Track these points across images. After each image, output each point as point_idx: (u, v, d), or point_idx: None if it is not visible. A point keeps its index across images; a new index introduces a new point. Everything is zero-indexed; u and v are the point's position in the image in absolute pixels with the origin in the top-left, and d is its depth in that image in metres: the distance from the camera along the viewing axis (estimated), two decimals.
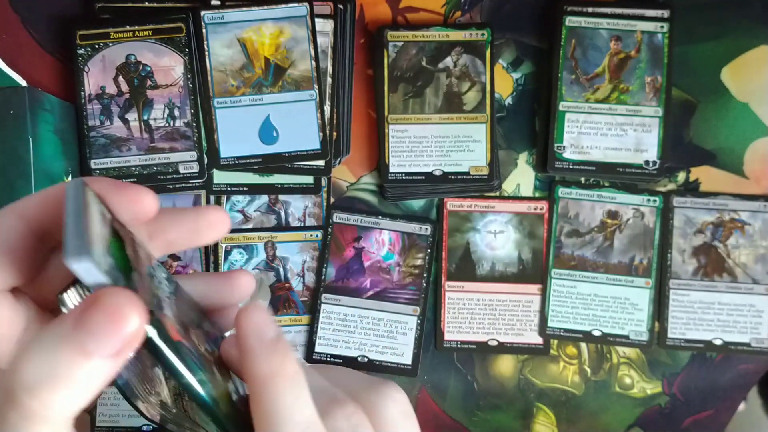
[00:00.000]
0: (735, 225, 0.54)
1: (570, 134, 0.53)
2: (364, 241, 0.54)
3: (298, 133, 0.51)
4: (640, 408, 0.55)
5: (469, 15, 0.54)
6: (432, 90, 0.53)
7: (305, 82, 0.51)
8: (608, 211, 0.54)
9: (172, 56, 0.51)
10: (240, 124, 0.51)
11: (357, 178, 0.55)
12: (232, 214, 0.54)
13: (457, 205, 0.54)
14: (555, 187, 0.54)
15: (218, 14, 0.51)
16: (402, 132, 0.53)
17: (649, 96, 0.53)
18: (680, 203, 0.54)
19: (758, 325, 0.54)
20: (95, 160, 0.51)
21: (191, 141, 0.51)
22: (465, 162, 0.52)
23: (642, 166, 0.53)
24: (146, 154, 0.51)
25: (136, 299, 0.19)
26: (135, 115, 0.51)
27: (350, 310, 0.53)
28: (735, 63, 0.54)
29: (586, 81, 0.53)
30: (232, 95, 0.51)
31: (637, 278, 0.54)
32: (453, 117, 0.53)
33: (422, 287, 0.53)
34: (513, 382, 0.55)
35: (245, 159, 0.52)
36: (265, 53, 0.51)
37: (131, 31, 0.51)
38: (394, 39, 0.53)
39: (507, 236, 0.54)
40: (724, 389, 0.55)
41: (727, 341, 0.54)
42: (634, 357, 0.55)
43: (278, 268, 0.54)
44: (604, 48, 0.53)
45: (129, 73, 0.51)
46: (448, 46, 0.53)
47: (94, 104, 0.51)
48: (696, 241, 0.54)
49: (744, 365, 0.55)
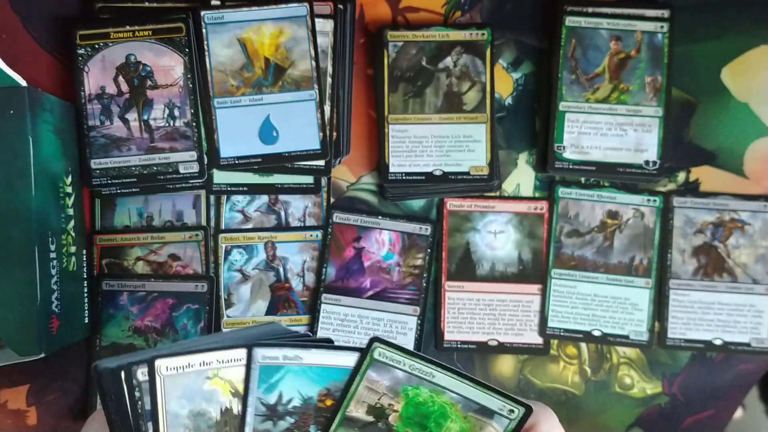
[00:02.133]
0: (735, 225, 0.54)
1: (570, 134, 0.53)
2: (364, 241, 0.54)
3: (298, 133, 0.51)
4: (640, 408, 0.55)
5: (469, 15, 0.54)
6: (432, 90, 0.53)
7: (305, 82, 0.51)
8: (608, 211, 0.54)
9: (172, 56, 0.51)
10: (240, 124, 0.51)
11: (357, 178, 0.55)
12: (232, 214, 0.54)
13: (457, 205, 0.54)
14: (555, 187, 0.54)
15: (218, 14, 0.51)
16: (402, 132, 0.53)
17: (649, 96, 0.53)
18: (680, 203, 0.54)
19: (758, 325, 0.54)
20: (95, 160, 0.51)
21: (191, 141, 0.51)
22: (465, 162, 0.52)
23: (642, 166, 0.53)
24: (146, 154, 0.51)
25: None
26: (135, 115, 0.51)
27: (350, 310, 0.53)
28: (735, 63, 0.54)
29: (586, 81, 0.53)
30: (232, 95, 0.51)
31: (637, 278, 0.54)
32: (453, 117, 0.53)
33: (422, 287, 0.53)
34: (513, 382, 0.55)
35: (245, 159, 0.52)
36: (265, 53, 0.51)
37: (131, 31, 0.51)
38: (394, 39, 0.53)
39: (507, 236, 0.54)
40: (724, 389, 0.55)
41: (727, 341, 0.54)
42: (634, 357, 0.55)
43: (278, 268, 0.54)
44: (604, 48, 0.53)
45: (129, 73, 0.51)
46: (448, 46, 0.53)
47: (94, 104, 0.51)
48: (696, 241, 0.54)
49: (744, 365, 0.55)
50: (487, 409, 0.32)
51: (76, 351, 0.52)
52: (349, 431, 0.33)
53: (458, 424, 0.32)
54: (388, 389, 0.32)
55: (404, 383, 0.32)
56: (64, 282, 0.47)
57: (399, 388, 0.32)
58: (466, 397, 0.32)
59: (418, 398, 0.32)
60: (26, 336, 0.44)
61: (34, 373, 0.53)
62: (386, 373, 0.32)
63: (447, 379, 0.32)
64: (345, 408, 0.33)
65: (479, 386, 0.32)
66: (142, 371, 0.29)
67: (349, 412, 0.33)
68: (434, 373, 0.32)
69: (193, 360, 0.30)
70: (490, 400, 0.32)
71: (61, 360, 0.52)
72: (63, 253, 0.48)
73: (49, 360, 0.45)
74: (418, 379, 0.32)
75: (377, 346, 0.32)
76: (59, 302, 0.46)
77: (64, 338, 0.47)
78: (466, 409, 0.32)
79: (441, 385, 0.32)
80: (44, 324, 0.44)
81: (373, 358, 0.32)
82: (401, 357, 0.32)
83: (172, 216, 0.54)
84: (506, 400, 0.32)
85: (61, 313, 0.46)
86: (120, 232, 0.53)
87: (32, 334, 0.44)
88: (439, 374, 0.32)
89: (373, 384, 0.32)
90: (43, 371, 0.53)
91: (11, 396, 0.53)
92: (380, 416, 0.33)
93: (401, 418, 0.33)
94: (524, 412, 0.32)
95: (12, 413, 0.53)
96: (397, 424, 0.33)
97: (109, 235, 0.53)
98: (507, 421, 0.32)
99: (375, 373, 0.32)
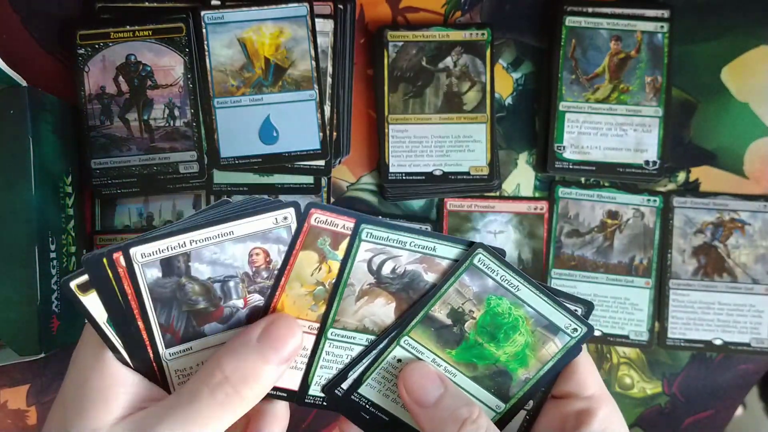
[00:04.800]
0: (735, 225, 0.54)
1: (570, 134, 0.53)
2: None
3: (298, 133, 0.51)
4: (640, 408, 0.55)
5: (469, 15, 0.54)
6: (432, 90, 0.53)
7: (305, 82, 0.51)
8: (608, 211, 0.54)
9: (172, 56, 0.51)
10: (240, 124, 0.51)
11: (357, 178, 0.55)
12: None
13: (457, 205, 0.54)
14: (555, 187, 0.54)
15: (218, 14, 0.51)
16: (402, 132, 0.53)
17: (649, 96, 0.53)
18: (680, 203, 0.54)
19: (758, 325, 0.54)
20: (95, 160, 0.51)
21: (191, 141, 0.51)
22: (465, 162, 0.52)
23: (642, 166, 0.53)
24: (146, 154, 0.51)
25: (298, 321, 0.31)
26: (135, 115, 0.51)
27: None
28: (735, 63, 0.54)
29: (586, 81, 0.53)
30: (232, 95, 0.51)
31: (637, 278, 0.54)
32: (453, 117, 0.53)
33: None
34: None
35: (245, 159, 0.52)
36: (265, 53, 0.51)
37: (131, 31, 0.51)
38: (394, 39, 0.53)
39: (507, 236, 0.54)
40: (724, 389, 0.55)
41: (727, 341, 0.54)
42: (634, 357, 0.55)
43: None
44: (604, 48, 0.53)
45: (129, 73, 0.51)
46: (448, 46, 0.53)
47: (94, 104, 0.51)
48: (696, 241, 0.54)
49: (744, 365, 0.55)
50: (554, 325, 0.33)
51: None
52: (425, 330, 0.33)
53: (525, 337, 0.33)
54: (475, 295, 0.32)
55: (491, 292, 0.32)
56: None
57: (484, 296, 0.32)
58: (539, 312, 0.33)
59: (497, 308, 0.33)
60: (26, 336, 0.44)
61: (34, 373, 0.53)
62: (478, 280, 0.32)
63: (528, 293, 0.32)
64: (430, 306, 0.32)
65: (555, 304, 0.32)
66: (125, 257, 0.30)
67: (433, 311, 0.33)
68: (520, 287, 0.32)
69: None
70: (561, 318, 0.33)
71: (61, 360, 0.52)
72: (63, 253, 0.48)
73: (49, 360, 0.46)
74: (504, 290, 0.32)
75: (480, 252, 0.32)
76: (59, 302, 0.46)
77: (65, 338, 0.47)
78: (536, 323, 0.33)
79: (521, 298, 0.32)
80: (44, 324, 0.44)
81: (471, 263, 0.32)
82: (497, 266, 0.32)
83: (172, 216, 0.54)
84: (573, 319, 0.33)
85: (62, 313, 0.46)
86: (120, 232, 0.53)
87: (32, 334, 0.44)
88: (524, 288, 0.32)
89: (462, 288, 0.32)
90: (43, 371, 0.53)
91: (11, 396, 0.53)
92: (458, 321, 0.33)
93: (475, 326, 0.33)
94: (585, 331, 0.33)
95: (12, 413, 0.53)
96: (470, 330, 0.33)
97: (109, 235, 0.53)
98: (568, 338, 0.33)
99: (468, 277, 0.32)
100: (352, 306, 0.33)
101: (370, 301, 0.33)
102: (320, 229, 0.32)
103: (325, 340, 0.33)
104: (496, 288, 0.32)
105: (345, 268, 0.32)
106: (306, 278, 0.32)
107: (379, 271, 0.32)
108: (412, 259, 0.32)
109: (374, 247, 0.32)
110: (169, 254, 0.30)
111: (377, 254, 0.32)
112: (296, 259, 0.32)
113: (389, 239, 0.32)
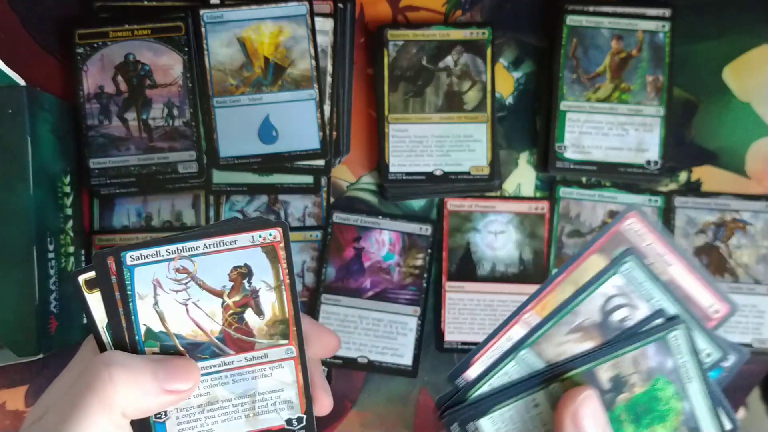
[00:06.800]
0: (737, 225, 0.54)
1: (571, 134, 0.52)
2: (364, 241, 0.53)
3: (297, 132, 0.51)
4: None
5: (470, 14, 0.54)
6: (432, 89, 0.53)
7: (305, 81, 0.51)
8: (610, 211, 0.54)
9: (171, 55, 0.51)
10: (239, 124, 0.51)
11: (357, 177, 0.54)
12: (232, 214, 0.53)
13: (457, 205, 0.54)
14: (556, 187, 0.54)
15: (217, 13, 0.51)
16: (402, 131, 0.52)
17: (651, 95, 0.52)
18: (682, 203, 0.54)
19: (760, 326, 0.54)
20: (94, 159, 0.51)
21: (190, 140, 0.51)
22: (465, 162, 0.52)
23: (643, 165, 0.52)
24: (145, 154, 0.51)
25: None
26: (134, 115, 0.51)
27: (350, 310, 0.53)
28: (737, 62, 0.54)
29: (588, 80, 0.52)
30: (232, 94, 0.51)
31: None
32: (453, 116, 0.52)
33: (422, 288, 0.53)
34: None
35: (245, 159, 0.51)
36: (265, 52, 0.51)
37: (130, 30, 0.50)
38: (395, 38, 0.53)
39: (508, 236, 0.54)
40: (724, 389, 0.55)
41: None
42: None
43: None
44: (606, 47, 0.52)
45: (128, 73, 0.51)
46: (448, 45, 0.53)
47: (92, 103, 0.51)
48: (698, 241, 0.54)
49: (745, 365, 0.54)
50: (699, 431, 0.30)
51: (74, 351, 0.52)
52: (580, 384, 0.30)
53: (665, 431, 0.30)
54: (648, 370, 0.30)
55: (664, 374, 0.30)
56: (63, 282, 0.47)
57: (655, 375, 0.30)
58: (695, 413, 0.30)
59: (660, 392, 0.30)
60: (24, 336, 0.43)
61: (32, 374, 0.52)
62: (661, 357, 0.30)
63: (696, 389, 0.30)
64: (599, 363, 0.30)
65: (713, 410, 0.30)
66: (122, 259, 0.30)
67: (598, 368, 0.30)
68: (693, 379, 0.30)
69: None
70: (708, 427, 0.30)
71: (59, 361, 0.52)
72: (61, 253, 0.47)
73: (47, 361, 0.45)
74: (676, 377, 0.30)
75: (677, 328, 0.29)
76: (58, 302, 0.46)
77: (63, 339, 0.47)
78: (684, 423, 0.30)
79: (687, 391, 0.30)
80: (43, 324, 0.44)
81: (665, 337, 0.30)
82: (686, 351, 0.30)
83: (171, 216, 0.53)
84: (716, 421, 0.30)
85: (60, 313, 0.46)
86: (119, 232, 0.53)
87: (31, 335, 0.43)
88: (696, 382, 0.30)
89: (641, 358, 0.30)
90: (41, 372, 0.52)
91: (10, 397, 0.53)
92: (616, 389, 0.30)
93: (628, 401, 0.30)
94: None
95: (10, 414, 0.53)
96: (620, 404, 0.30)
97: (107, 235, 0.53)
98: None
99: (653, 349, 0.30)
100: (560, 336, 0.30)
101: (580, 342, 0.30)
102: (624, 238, 0.29)
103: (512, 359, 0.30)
104: (671, 372, 0.30)
105: (583, 292, 0.29)
106: (578, 283, 0.29)
107: (609, 314, 0.29)
108: (644, 316, 0.30)
109: (623, 286, 0.29)
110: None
111: (618, 295, 0.29)
112: (585, 260, 0.29)
113: (643, 286, 0.29)
